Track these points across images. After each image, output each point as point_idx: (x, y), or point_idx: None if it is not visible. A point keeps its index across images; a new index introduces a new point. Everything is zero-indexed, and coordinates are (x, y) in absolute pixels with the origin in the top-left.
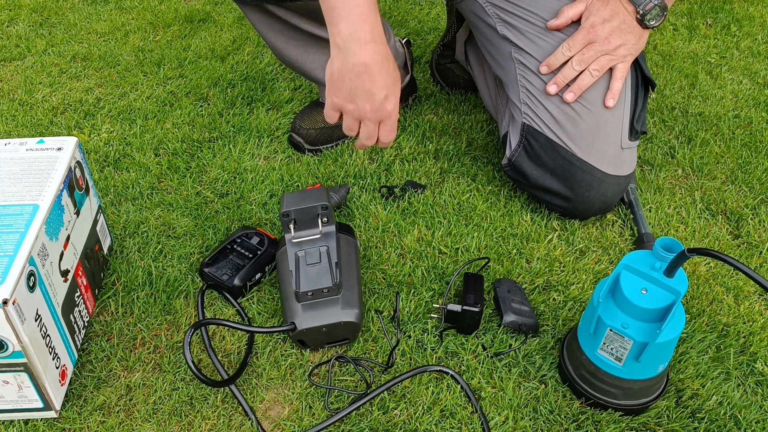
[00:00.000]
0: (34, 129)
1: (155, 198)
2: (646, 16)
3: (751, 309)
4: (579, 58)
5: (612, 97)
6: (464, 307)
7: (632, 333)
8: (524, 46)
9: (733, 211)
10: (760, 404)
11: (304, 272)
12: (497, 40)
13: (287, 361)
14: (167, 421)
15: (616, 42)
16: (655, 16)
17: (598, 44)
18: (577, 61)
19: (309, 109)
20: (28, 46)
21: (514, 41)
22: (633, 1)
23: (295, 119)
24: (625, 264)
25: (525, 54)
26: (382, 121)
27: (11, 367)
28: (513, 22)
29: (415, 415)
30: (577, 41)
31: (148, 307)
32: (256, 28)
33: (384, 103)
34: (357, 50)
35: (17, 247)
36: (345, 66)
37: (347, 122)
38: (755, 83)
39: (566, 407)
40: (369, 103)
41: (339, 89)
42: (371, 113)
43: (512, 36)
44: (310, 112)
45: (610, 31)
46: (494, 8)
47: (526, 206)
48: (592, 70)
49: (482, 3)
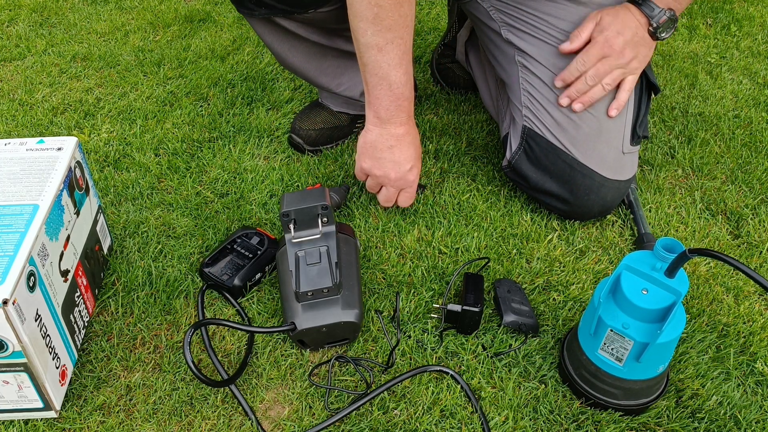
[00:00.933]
0: (34, 129)
1: (155, 198)
2: (659, 29)
3: (751, 309)
4: (594, 72)
5: (616, 108)
6: (464, 307)
7: (633, 333)
8: (528, 50)
9: (733, 211)
10: (760, 404)
11: (304, 272)
12: (501, 43)
13: (287, 361)
14: (167, 421)
15: (630, 55)
16: (667, 29)
17: (612, 58)
18: (591, 76)
19: (308, 110)
20: (28, 46)
21: (518, 45)
22: (646, 14)
23: (294, 120)
24: (626, 264)
25: (528, 57)
26: (403, 188)
27: (11, 367)
28: (517, 26)
29: (415, 415)
30: (592, 56)
31: (148, 307)
32: (262, 38)
33: (407, 174)
34: (392, 130)
35: (17, 247)
36: (379, 139)
37: (370, 183)
38: (755, 83)
39: (566, 407)
40: (394, 171)
41: (369, 157)
42: (394, 181)
43: (516, 40)
44: (310, 113)
45: (624, 44)
46: (499, 13)
47: (526, 206)
48: (605, 84)
49: (487, 7)
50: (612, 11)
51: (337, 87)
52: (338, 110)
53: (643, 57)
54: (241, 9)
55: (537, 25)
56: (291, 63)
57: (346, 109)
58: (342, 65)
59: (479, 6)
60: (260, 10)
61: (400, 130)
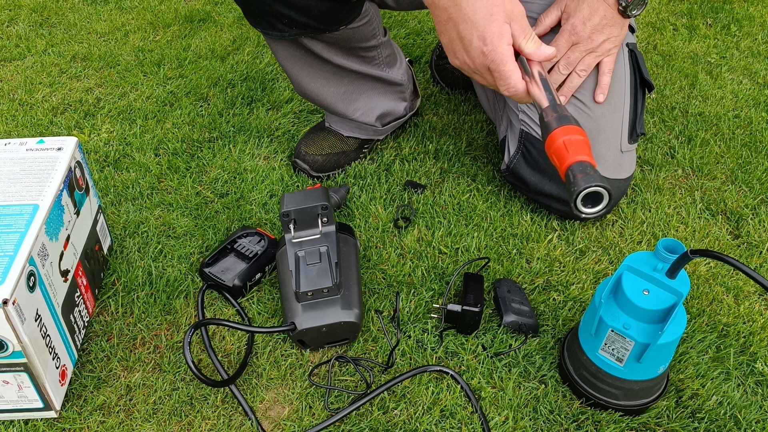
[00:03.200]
0: (34, 129)
1: (155, 198)
2: (629, 7)
3: (751, 309)
4: (565, 61)
5: (602, 92)
6: (464, 307)
7: (634, 334)
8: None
9: (733, 211)
10: (760, 404)
11: (304, 272)
12: None
13: (287, 361)
14: (167, 421)
15: (600, 38)
16: (638, 5)
17: (582, 44)
18: (563, 65)
19: (313, 134)
20: (28, 46)
21: None
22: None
23: (299, 144)
24: (627, 265)
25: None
26: (490, 69)
27: (11, 367)
28: None
29: (415, 415)
30: (561, 45)
31: (148, 307)
32: (282, 63)
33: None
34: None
35: (17, 247)
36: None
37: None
38: (755, 83)
39: (566, 407)
40: (465, 52)
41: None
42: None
43: None
44: (315, 137)
45: (593, 29)
46: None
47: (526, 206)
48: (579, 71)
49: None
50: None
51: (354, 113)
52: (349, 135)
53: (615, 37)
54: (270, 32)
55: None
56: (310, 90)
57: (357, 134)
58: (358, 89)
59: None
60: (291, 31)
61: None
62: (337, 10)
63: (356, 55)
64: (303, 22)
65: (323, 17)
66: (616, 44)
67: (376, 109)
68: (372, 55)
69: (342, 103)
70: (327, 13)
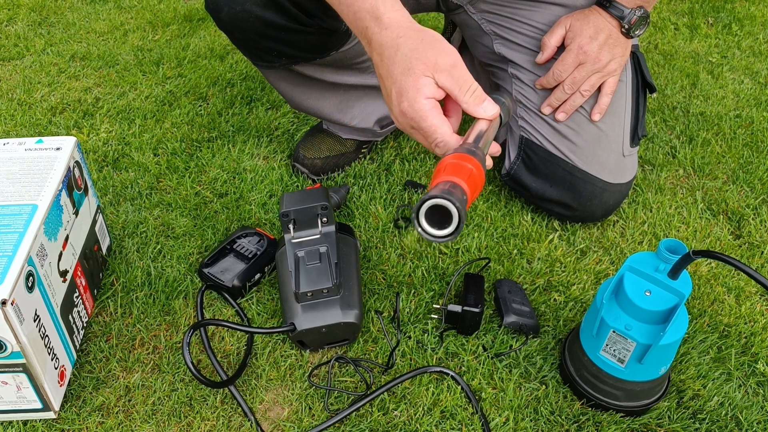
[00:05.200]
0: (33, 129)
1: (154, 198)
2: (632, 29)
3: (753, 309)
4: (570, 81)
5: (599, 112)
6: (465, 308)
7: (635, 335)
8: (519, 60)
9: (735, 211)
10: (762, 405)
11: (303, 272)
12: (493, 56)
13: (287, 361)
14: (166, 422)
15: (606, 58)
16: (640, 26)
17: (588, 64)
18: (569, 84)
19: (311, 137)
20: (26, 46)
21: (510, 57)
22: (616, 16)
23: (297, 148)
24: (629, 265)
25: (520, 68)
26: (413, 127)
27: (10, 367)
28: (509, 37)
29: (415, 416)
30: (568, 64)
31: (147, 308)
32: (275, 86)
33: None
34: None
35: (16, 247)
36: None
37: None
38: (756, 83)
39: (567, 408)
40: (391, 110)
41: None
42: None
43: (508, 53)
44: (314, 140)
45: (599, 48)
46: (490, 24)
47: (527, 207)
48: (584, 91)
49: (478, 20)
50: (581, 15)
51: (351, 120)
52: (347, 137)
53: (620, 57)
54: (259, 63)
55: (526, 34)
56: (306, 105)
57: (356, 136)
58: (353, 98)
59: (470, 20)
60: (281, 61)
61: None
62: (326, 40)
63: (350, 69)
64: (292, 54)
65: (313, 48)
66: (621, 65)
67: (374, 114)
68: (366, 66)
69: (339, 113)
70: (316, 45)
